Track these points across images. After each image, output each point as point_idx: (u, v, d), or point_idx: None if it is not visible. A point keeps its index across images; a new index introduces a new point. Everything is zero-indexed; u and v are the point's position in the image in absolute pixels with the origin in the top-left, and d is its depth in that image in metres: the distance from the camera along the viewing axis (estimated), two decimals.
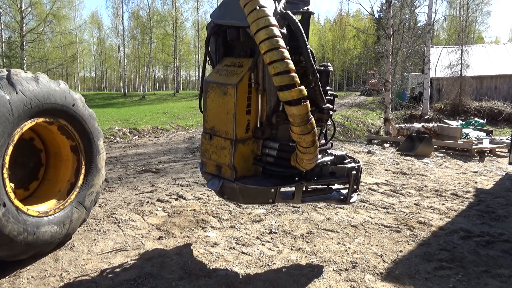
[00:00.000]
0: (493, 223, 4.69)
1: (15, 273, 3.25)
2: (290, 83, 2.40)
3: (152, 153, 9.36)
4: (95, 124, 4.02)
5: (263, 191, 2.97)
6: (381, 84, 17.70)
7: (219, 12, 3.06)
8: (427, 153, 9.73)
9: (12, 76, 3.18)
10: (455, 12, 39.55)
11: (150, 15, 36.99)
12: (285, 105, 2.50)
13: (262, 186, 2.95)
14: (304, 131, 2.54)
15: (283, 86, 2.42)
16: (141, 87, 48.40)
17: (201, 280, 3.16)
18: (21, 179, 3.81)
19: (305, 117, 2.49)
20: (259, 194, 2.99)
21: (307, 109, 2.49)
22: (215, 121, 3.03)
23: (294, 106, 2.45)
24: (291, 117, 2.51)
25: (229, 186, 2.99)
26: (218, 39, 3.17)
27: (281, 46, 2.40)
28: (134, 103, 30.56)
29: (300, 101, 2.45)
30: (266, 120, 2.98)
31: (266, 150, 3.02)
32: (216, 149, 3.03)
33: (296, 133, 2.58)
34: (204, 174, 3.28)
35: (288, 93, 2.42)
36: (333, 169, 3.25)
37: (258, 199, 3.07)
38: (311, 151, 2.64)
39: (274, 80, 2.44)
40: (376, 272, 3.37)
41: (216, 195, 3.30)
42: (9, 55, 25.22)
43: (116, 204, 5.13)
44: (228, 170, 2.99)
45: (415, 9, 25.21)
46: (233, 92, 2.82)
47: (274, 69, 2.40)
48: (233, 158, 2.91)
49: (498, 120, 21.18)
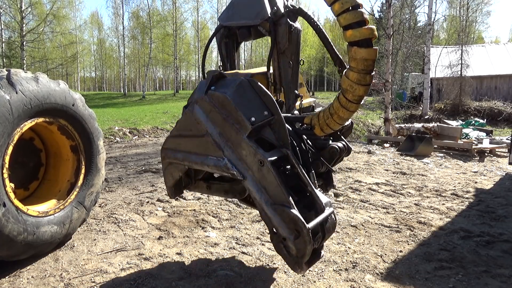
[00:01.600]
0: (493, 223, 4.69)
1: (15, 273, 3.25)
2: (361, 19, 2.15)
3: (152, 153, 9.35)
4: (95, 124, 4.02)
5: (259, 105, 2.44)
6: (381, 84, 17.70)
7: (227, 14, 3.02)
8: (427, 153, 9.73)
9: (12, 76, 3.18)
10: (455, 12, 39.57)
11: (150, 15, 36.98)
12: (353, 47, 2.21)
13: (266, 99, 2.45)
14: (362, 82, 2.26)
15: (353, 24, 2.15)
16: (141, 87, 48.40)
17: (201, 280, 3.16)
18: (21, 179, 3.81)
19: (371, 65, 2.23)
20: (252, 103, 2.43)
21: (376, 54, 2.23)
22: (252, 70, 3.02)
23: (365, 48, 2.18)
24: (355, 61, 2.22)
25: (232, 79, 2.55)
26: (228, 42, 3.13)
27: None
28: (134, 103, 30.55)
29: (371, 42, 2.19)
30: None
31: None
32: (241, 74, 2.89)
33: (352, 79, 2.27)
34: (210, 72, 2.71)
35: (359, 31, 2.15)
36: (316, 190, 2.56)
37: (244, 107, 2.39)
38: (351, 108, 2.37)
39: (343, 19, 2.18)
40: (376, 272, 3.37)
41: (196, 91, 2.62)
42: (9, 55, 25.20)
43: (116, 204, 5.13)
44: (243, 76, 2.68)
45: (415, 9, 25.23)
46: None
47: (344, 4, 2.15)
48: (257, 74, 2.80)
49: (498, 120, 21.17)
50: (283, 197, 2.28)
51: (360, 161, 8.64)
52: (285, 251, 2.34)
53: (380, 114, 21.28)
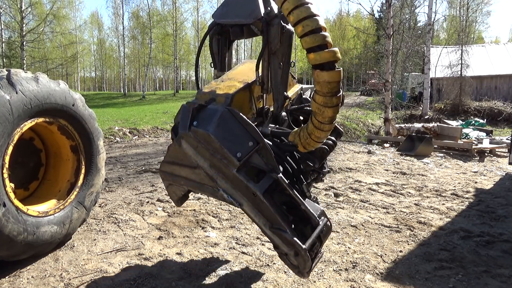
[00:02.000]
0: (493, 223, 4.69)
1: (15, 273, 3.25)
2: (322, 43, 2.11)
3: (152, 153, 9.36)
4: (95, 124, 4.02)
5: (243, 136, 2.42)
6: (381, 84, 17.71)
7: (221, 11, 3.01)
8: (427, 153, 9.73)
9: (12, 76, 3.18)
10: (455, 12, 39.60)
11: (150, 15, 37.00)
12: (315, 70, 2.18)
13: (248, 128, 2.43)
14: (328, 104, 2.22)
15: (315, 47, 2.11)
16: (141, 87, 48.41)
17: (201, 280, 3.16)
18: (21, 179, 3.81)
19: (336, 87, 2.17)
20: (236, 137, 2.42)
21: (339, 76, 2.17)
22: (238, 75, 2.89)
23: (327, 71, 2.13)
24: (319, 85, 2.19)
25: (212, 108, 2.52)
26: (220, 39, 3.12)
27: (309, 2, 2.12)
28: (134, 103, 30.56)
29: (333, 65, 2.14)
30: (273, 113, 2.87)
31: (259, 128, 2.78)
32: (224, 87, 2.74)
33: (318, 102, 2.25)
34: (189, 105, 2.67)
35: (321, 54, 2.11)
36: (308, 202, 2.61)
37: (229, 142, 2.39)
38: (325, 128, 2.34)
39: (304, 42, 2.13)
40: (376, 272, 3.37)
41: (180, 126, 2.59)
42: (9, 55, 25.21)
43: (116, 204, 5.13)
44: (222, 100, 2.60)
45: (415, 9, 25.25)
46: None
47: (304, 27, 2.09)
48: (237, 93, 2.62)
49: (498, 120, 21.18)
50: (279, 222, 2.40)
51: (360, 161, 8.64)
52: (288, 262, 2.52)
53: (380, 114, 21.28)
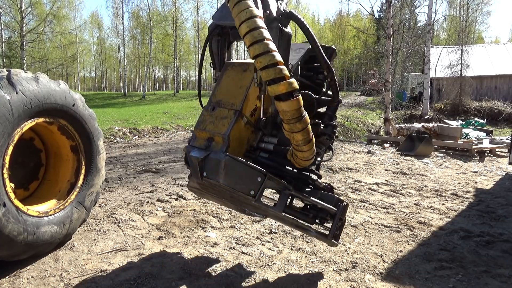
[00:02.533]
0: (493, 223, 4.69)
1: (15, 273, 3.25)
2: (277, 76, 2.22)
3: (152, 153, 9.36)
4: (95, 124, 4.02)
5: (250, 174, 2.66)
6: (381, 84, 17.70)
7: (221, 13, 3.02)
8: (427, 153, 9.73)
9: (12, 76, 3.18)
10: (455, 12, 39.60)
11: (150, 15, 37.01)
12: (275, 101, 2.31)
13: (251, 167, 2.66)
14: (294, 130, 2.36)
15: (270, 80, 2.24)
16: (141, 87, 48.40)
17: (201, 280, 3.16)
18: (21, 179, 3.81)
19: (296, 113, 2.29)
20: (244, 177, 2.66)
21: (298, 104, 2.29)
22: (224, 95, 2.89)
23: (284, 101, 2.26)
24: (281, 113, 2.32)
25: (215, 158, 2.69)
26: (220, 40, 3.13)
27: (265, 38, 2.23)
28: (134, 103, 30.56)
29: (290, 95, 2.25)
30: (271, 117, 2.88)
31: (262, 144, 2.89)
32: (215, 119, 2.83)
33: (286, 130, 2.40)
34: (189, 147, 2.94)
35: (276, 87, 2.23)
36: (322, 195, 3.00)
37: (240, 184, 2.67)
38: (304, 149, 2.49)
39: (261, 75, 2.27)
40: (376, 272, 3.37)
41: (193, 173, 2.88)
42: (9, 55, 25.21)
43: (116, 204, 5.13)
44: (220, 141, 2.75)
45: (415, 9, 25.25)
46: (254, 69, 2.69)
47: (259, 63, 2.23)
48: (231, 128, 2.70)
49: (498, 120, 21.18)
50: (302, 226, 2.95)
51: (360, 161, 8.64)
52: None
53: (380, 114, 21.28)
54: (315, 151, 2.59)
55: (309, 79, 3.18)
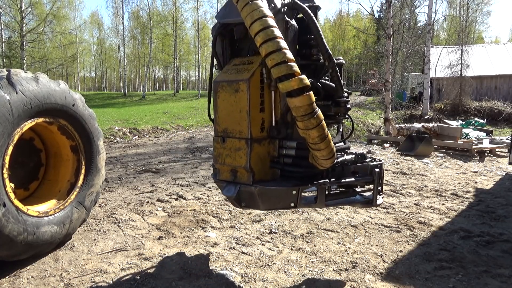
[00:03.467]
0: (493, 223, 4.69)
1: (15, 273, 3.25)
2: (289, 72, 2.27)
3: (152, 153, 9.36)
4: (95, 124, 4.02)
5: (284, 193, 2.76)
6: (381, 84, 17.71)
7: (224, 11, 2.99)
8: (427, 153, 9.73)
9: (12, 76, 3.18)
10: (455, 12, 39.57)
11: (150, 15, 37.02)
12: (287, 98, 2.34)
13: (283, 187, 2.76)
14: (309, 126, 2.35)
15: (282, 77, 2.28)
16: (141, 87, 48.41)
17: (201, 280, 3.16)
18: (21, 179, 3.81)
19: (309, 109, 2.32)
20: (280, 197, 2.78)
21: (310, 100, 2.31)
22: (227, 122, 2.84)
23: (296, 97, 2.29)
24: (294, 110, 2.34)
25: (246, 190, 2.76)
26: (224, 40, 3.09)
27: (277, 37, 2.28)
28: (134, 103, 30.56)
29: (302, 91, 2.29)
30: (281, 118, 2.82)
31: (283, 150, 2.83)
32: (231, 152, 2.82)
33: (301, 128, 2.40)
34: (218, 182, 3.05)
35: (287, 83, 2.27)
36: (355, 168, 3.04)
37: (279, 203, 2.84)
38: (321, 147, 2.46)
39: (273, 72, 2.31)
40: (376, 272, 3.37)
41: (233, 204, 3.03)
42: (9, 55, 25.19)
43: (116, 204, 5.13)
44: (244, 173, 2.77)
45: (415, 9, 25.25)
46: (245, 87, 2.66)
47: (271, 60, 2.28)
48: (250, 159, 2.70)
49: (498, 120, 21.17)
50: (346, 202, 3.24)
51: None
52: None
53: (380, 114, 21.28)
54: (334, 149, 2.56)
55: (305, 57, 3.05)
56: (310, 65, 3.02)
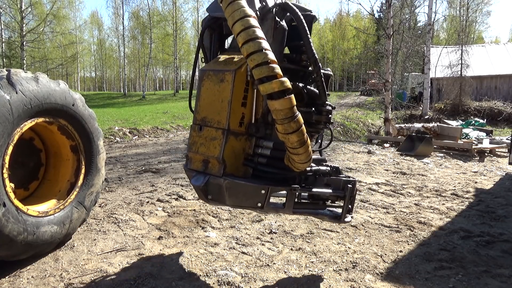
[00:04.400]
0: (493, 223, 4.69)
1: (15, 273, 3.25)
2: (270, 74, 2.22)
3: (152, 153, 9.36)
4: (95, 124, 4.02)
5: (253, 190, 2.70)
6: (381, 84, 17.71)
7: (215, 5, 2.95)
8: (427, 153, 9.73)
9: (12, 76, 3.18)
10: (455, 12, 39.59)
11: (150, 15, 37.02)
12: (267, 100, 2.29)
13: (252, 184, 2.70)
14: (288, 130, 2.32)
15: (263, 78, 2.23)
16: (141, 87, 48.40)
17: (201, 280, 3.16)
18: (21, 179, 3.80)
19: (289, 113, 2.27)
20: (248, 195, 2.71)
21: (291, 103, 2.26)
22: (207, 111, 2.81)
23: (276, 99, 2.24)
24: (274, 113, 2.29)
25: (215, 182, 2.71)
26: (213, 34, 3.06)
27: (258, 37, 2.24)
28: (134, 103, 30.56)
29: (283, 94, 2.24)
30: (261, 117, 2.79)
31: (259, 149, 2.79)
32: (206, 141, 2.79)
33: (280, 131, 2.36)
34: (188, 171, 2.99)
35: (268, 85, 2.22)
36: (328, 181, 2.99)
37: (246, 201, 2.76)
38: (299, 152, 2.44)
39: (254, 73, 2.26)
40: (376, 272, 3.37)
41: (199, 196, 2.97)
42: (9, 55, 25.18)
43: (116, 204, 5.13)
44: (216, 164, 2.72)
45: (415, 9, 25.24)
46: (231, 78, 2.64)
47: (252, 61, 2.23)
48: (223, 150, 2.66)
49: (498, 120, 21.18)
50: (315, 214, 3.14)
51: (360, 161, 8.64)
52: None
53: (380, 114, 21.28)
54: (311, 154, 2.54)
55: (295, 62, 3.03)
56: (299, 71, 3.00)
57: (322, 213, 3.10)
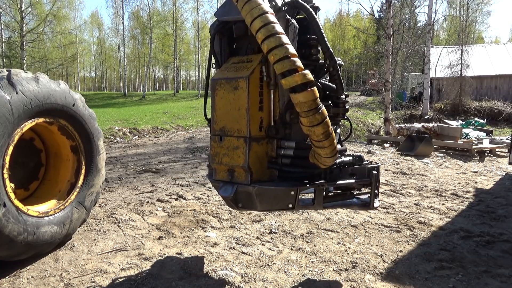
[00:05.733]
0: (493, 223, 4.69)
1: (15, 273, 3.25)
2: (292, 68, 2.24)
3: (152, 153, 9.36)
4: (95, 124, 4.02)
5: (283, 193, 2.73)
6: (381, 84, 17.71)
7: (223, 9, 2.96)
8: (427, 153, 9.73)
9: (12, 76, 3.18)
10: (455, 12, 39.60)
11: (150, 15, 37.03)
12: (290, 94, 2.31)
13: (282, 187, 2.72)
14: (313, 122, 2.32)
15: (285, 72, 2.25)
16: (141, 87, 48.43)
17: (201, 280, 3.16)
18: (21, 179, 3.81)
19: (313, 104, 2.29)
20: (278, 198, 2.75)
21: (314, 95, 2.28)
22: (225, 121, 2.79)
23: (299, 92, 2.26)
24: (298, 106, 2.31)
25: (244, 190, 2.72)
26: (223, 38, 3.05)
27: (278, 32, 2.26)
28: (134, 103, 30.57)
29: (305, 86, 2.26)
30: (279, 118, 2.78)
31: (281, 150, 2.77)
32: (228, 151, 2.77)
33: (305, 124, 2.36)
34: (214, 183, 3.01)
35: (291, 79, 2.24)
36: (353, 170, 3.01)
37: (277, 204, 2.79)
38: (325, 145, 2.42)
39: (276, 68, 2.28)
40: (376, 272, 3.37)
41: (229, 205, 2.98)
42: (9, 55, 25.17)
43: (116, 204, 5.13)
44: (242, 172, 2.73)
45: (415, 9, 25.28)
46: (245, 85, 2.62)
47: (274, 56, 2.25)
48: (248, 158, 2.65)
49: (498, 120, 21.18)
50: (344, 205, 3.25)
51: None
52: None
53: (380, 114, 21.28)
54: (337, 147, 2.52)
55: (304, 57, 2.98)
56: (309, 66, 2.98)
57: (351, 203, 3.16)
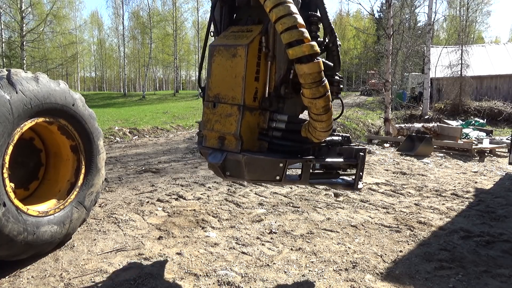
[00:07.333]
0: (493, 223, 4.69)
1: (15, 273, 3.25)
2: (299, 38, 2.22)
3: (152, 153, 9.36)
4: (95, 124, 4.02)
5: (271, 164, 2.71)
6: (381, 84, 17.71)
7: None
8: (427, 153, 9.73)
9: (12, 76, 3.18)
10: (455, 12, 39.62)
11: (150, 15, 37.03)
12: (296, 64, 2.29)
13: (271, 158, 2.71)
14: (316, 95, 2.32)
15: (293, 42, 2.23)
16: (141, 87, 48.42)
17: (201, 280, 3.16)
18: (21, 179, 3.81)
19: (318, 77, 2.28)
20: (266, 168, 2.72)
21: (320, 67, 2.27)
22: (220, 87, 2.77)
23: (305, 63, 2.25)
24: (302, 78, 2.29)
25: (233, 158, 2.71)
26: (224, 6, 3.01)
27: (287, 1, 2.24)
28: (134, 103, 30.57)
29: (312, 57, 2.25)
30: (274, 91, 2.77)
31: (273, 123, 2.77)
32: (221, 118, 2.75)
33: (307, 96, 2.35)
34: (203, 149, 2.97)
35: (298, 49, 2.22)
36: (341, 150, 3.05)
37: (264, 175, 2.77)
38: (323, 119, 2.42)
39: (283, 37, 2.25)
40: (376, 272, 3.37)
41: (216, 173, 2.97)
42: (9, 55, 25.17)
43: (116, 204, 5.13)
44: (233, 140, 2.71)
45: (415, 9, 25.25)
46: (244, 53, 2.60)
47: (282, 25, 2.23)
48: (240, 126, 2.64)
49: (498, 120, 21.16)
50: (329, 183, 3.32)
51: None
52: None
53: (380, 114, 21.28)
54: (332, 122, 2.53)
55: None
56: None
57: (336, 182, 3.21)
